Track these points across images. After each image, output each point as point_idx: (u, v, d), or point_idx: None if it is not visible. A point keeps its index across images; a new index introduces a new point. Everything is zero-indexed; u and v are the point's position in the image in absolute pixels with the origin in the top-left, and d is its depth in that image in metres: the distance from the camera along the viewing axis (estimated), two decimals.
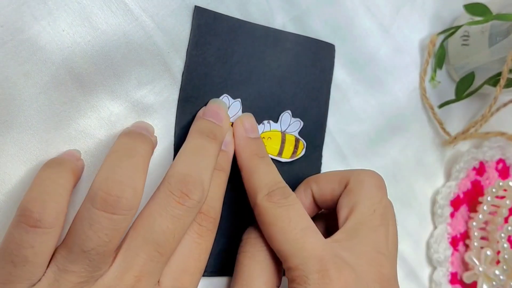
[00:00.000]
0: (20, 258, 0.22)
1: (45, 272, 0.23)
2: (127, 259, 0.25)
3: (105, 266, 0.24)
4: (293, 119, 0.35)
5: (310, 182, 0.34)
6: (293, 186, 0.34)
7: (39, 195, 0.23)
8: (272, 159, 0.34)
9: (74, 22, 0.27)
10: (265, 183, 0.30)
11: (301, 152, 0.36)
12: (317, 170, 0.37)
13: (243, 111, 0.33)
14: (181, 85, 0.31)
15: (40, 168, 0.25)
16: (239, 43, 0.33)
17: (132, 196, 0.24)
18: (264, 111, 0.34)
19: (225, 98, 0.32)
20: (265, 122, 0.34)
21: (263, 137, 0.34)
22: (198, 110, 0.32)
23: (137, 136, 0.27)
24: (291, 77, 0.35)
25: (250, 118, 0.33)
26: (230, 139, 0.32)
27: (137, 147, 0.26)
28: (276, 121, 0.35)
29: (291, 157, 0.35)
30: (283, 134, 0.35)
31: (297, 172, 0.35)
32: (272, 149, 0.35)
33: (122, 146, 0.26)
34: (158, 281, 0.26)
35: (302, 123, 0.36)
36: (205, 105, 0.32)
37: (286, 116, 0.35)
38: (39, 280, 0.23)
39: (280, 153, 0.35)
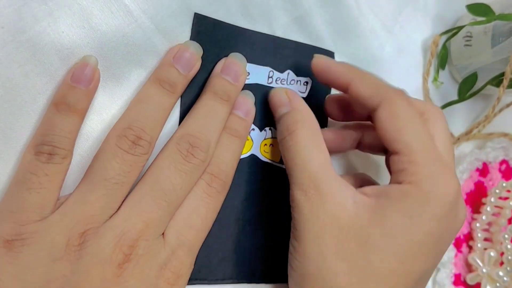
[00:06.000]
0: (36, 185, 0.24)
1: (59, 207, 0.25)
2: (136, 204, 0.26)
3: (116, 205, 0.26)
4: None
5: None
6: None
7: (50, 130, 0.25)
8: (274, 165, 0.34)
9: (74, 24, 0.27)
10: None
11: None
12: None
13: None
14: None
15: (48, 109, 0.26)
16: (239, 50, 0.33)
17: (149, 140, 0.27)
18: (265, 117, 0.34)
19: None
20: (267, 129, 0.34)
21: (266, 144, 0.34)
22: None
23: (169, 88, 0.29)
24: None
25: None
26: (251, 107, 0.32)
27: (165, 102, 0.29)
28: None
29: None
30: None
31: None
32: (275, 155, 0.35)
33: (151, 98, 0.28)
34: (163, 234, 0.27)
35: None
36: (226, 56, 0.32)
37: None
38: (52, 213, 0.25)
39: (282, 160, 0.35)
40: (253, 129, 0.34)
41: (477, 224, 0.44)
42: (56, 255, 0.24)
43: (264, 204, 0.34)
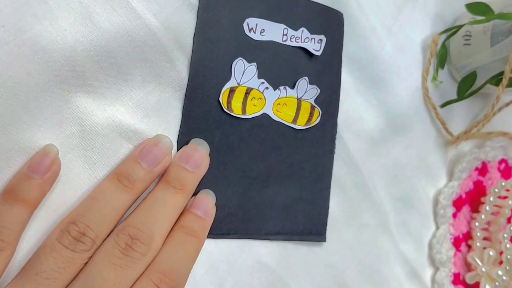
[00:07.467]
0: None
1: None
2: None
3: None
4: (310, 86, 0.35)
5: None
6: (307, 154, 0.35)
7: None
8: (286, 126, 0.34)
9: (76, 21, 0.27)
10: None
11: (316, 119, 0.36)
12: (332, 138, 0.37)
13: (258, 76, 0.33)
14: (192, 47, 0.31)
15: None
16: (252, 6, 0.32)
17: (93, 238, 0.25)
18: (279, 76, 0.34)
19: (240, 62, 0.32)
20: (281, 88, 0.34)
21: (279, 103, 0.34)
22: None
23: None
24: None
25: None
26: (211, 207, 0.31)
27: (117, 200, 0.27)
28: (292, 87, 0.34)
29: (306, 124, 0.35)
30: (299, 100, 0.35)
31: (311, 140, 0.35)
32: (287, 115, 0.34)
33: (103, 194, 0.27)
34: None
35: (318, 90, 0.35)
36: (187, 143, 0.31)
37: (303, 82, 0.35)
38: None
39: (295, 120, 0.35)
40: (266, 88, 0.33)
41: (476, 223, 0.44)
42: None
43: (272, 162, 0.34)
